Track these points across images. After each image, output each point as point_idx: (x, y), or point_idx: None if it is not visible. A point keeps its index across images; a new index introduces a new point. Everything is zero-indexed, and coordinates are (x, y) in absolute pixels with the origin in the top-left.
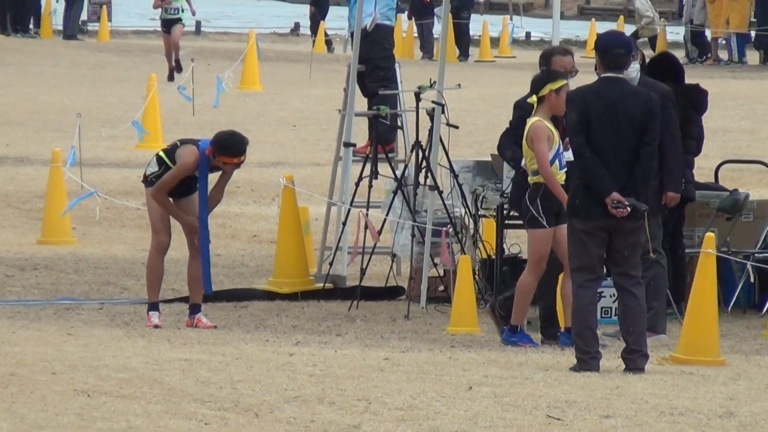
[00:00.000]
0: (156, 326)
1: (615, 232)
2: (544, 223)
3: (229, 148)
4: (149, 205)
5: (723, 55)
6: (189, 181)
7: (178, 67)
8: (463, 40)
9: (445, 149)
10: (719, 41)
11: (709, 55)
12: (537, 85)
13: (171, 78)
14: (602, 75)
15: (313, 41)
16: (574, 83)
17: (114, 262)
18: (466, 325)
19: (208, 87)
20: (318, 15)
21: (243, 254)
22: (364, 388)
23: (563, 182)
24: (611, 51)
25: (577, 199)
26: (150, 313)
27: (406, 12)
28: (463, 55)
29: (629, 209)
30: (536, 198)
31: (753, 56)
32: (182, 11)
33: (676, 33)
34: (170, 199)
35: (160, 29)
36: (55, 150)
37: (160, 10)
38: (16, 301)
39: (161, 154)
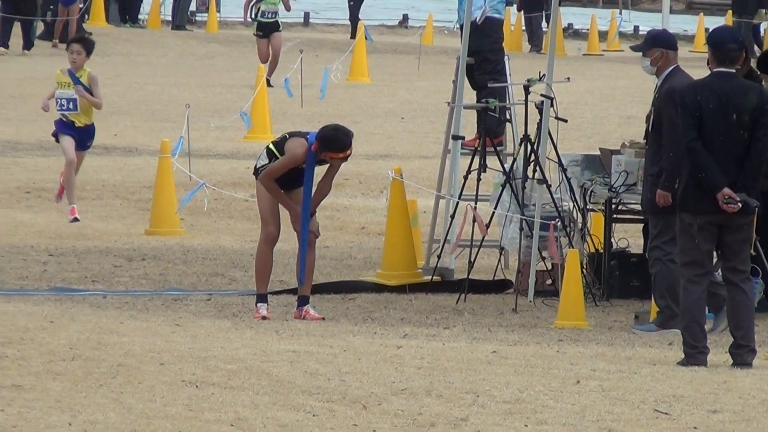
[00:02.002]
0: (264, 318)
1: (725, 227)
2: None
3: (333, 143)
4: (259, 197)
5: None
6: (297, 173)
7: (268, 84)
8: (536, 35)
9: (553, 143)
10: None
11: None
12: None
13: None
14: (714, 70)
15: (421, 34)
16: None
17: (222, 253)
18: (574, 318)
19: (316, 78)
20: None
21: (351, 246)
22: (472, 381)
23: None
24: (724, 46)
25: (687, 194)
26: (258, 304)
27: (516, 5)
28: (535, 48)
29: (740, 205)
30: None
31: None
32: (278, 15)
33: None
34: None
35: (254, 34)
36: (164, 141)
37: (251, 10)
38: (124, 292)
39: (271, 146)
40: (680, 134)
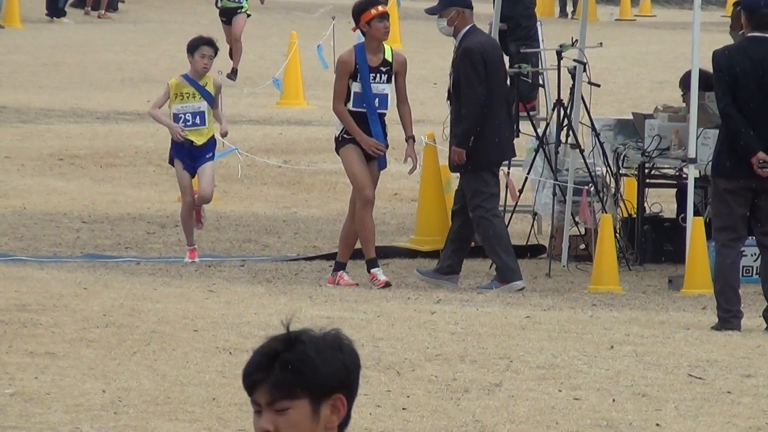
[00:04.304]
0: (386, 284)
1: (759, 191)
2: None
3: (362, 3)
4: (346, 163)
5: None
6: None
7: (234, 73)
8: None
9: (586, 107)
10: None
11: None
12: None
13: (232, 76)
14: (748, 34)
15: None
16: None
17: (255, 220)
18: (608, 283)
19: (349, 44)
20: None
21: (384, 212)
22: (506, 347)
23: None
24: (759, 11)
25: (722, 159)
26: (373, 270)
27: None
28: (562, 12)
29: None
30: None
31: None
32: None
33: None
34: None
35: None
36: None
37: None
38: (157, 258)
39: None
40: (717, 98)
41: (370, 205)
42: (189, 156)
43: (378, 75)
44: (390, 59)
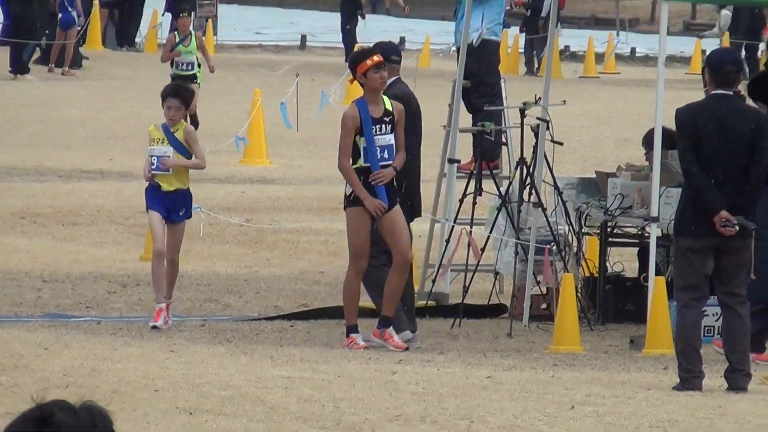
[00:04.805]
0: (365, 348)
1: (722, 250)
2: None
3: (358, 55)
4: (350, 228)
5: None
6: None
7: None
8: (536, 57)
9: (549, 166)
10: None
11: None
12: None
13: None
14: (712, 92)
15: (418, 57)
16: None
17: (216, 279)
18: (569, 343)
19: (313, 102)
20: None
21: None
22: (467, 407)
23: None
24: (722, 68)
25: (684, 217)
26: (352, 335)
27: (519, 27)
28: (528, 69)
29: (737, 228)
30: None
31: None
32: (198, 66)
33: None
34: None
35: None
36: None
37: (176, 62)
38: (118, 318)
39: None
40: (680, 156)
41: (361, 274)
42: (162, 206)
43: (382, 126)
44: (390, 108)
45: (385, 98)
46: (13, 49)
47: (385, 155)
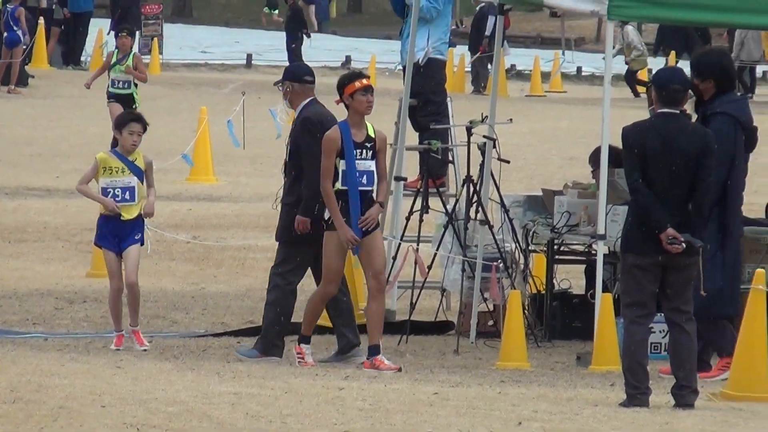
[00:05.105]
0: (308, 363)
1: (669, 267)
2: None
3: (346, 78)
4: (327, 252)
5: None
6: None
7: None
8: (481, 75)
9: (496, 183)
10: None
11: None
12: None
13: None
14: (658, 111)
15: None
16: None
17: (164, 296)
18: (516, 360)
19: (258, 121)
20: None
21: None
22: (414, 423)
23: None
24: (668, 87)
25: (631, 235)
26: (302, 345)
27: (467, 46)
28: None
29: (684, 245)
30: None
31: None
32: (135, 86)
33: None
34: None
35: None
36: None
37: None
38: (65, 334)
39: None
40: (626, 174)
41: (328, 297)
42: (115, 234)
43: (363, 151)
44: (373, 135)
45: (369, 124)
46: None
47: (364, 181)
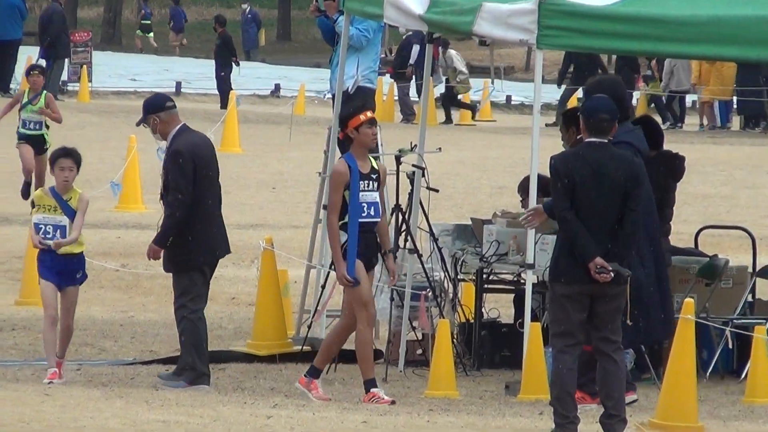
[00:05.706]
0: (393, 402)
1: (597, 296)
2: None
3: (350, 111)
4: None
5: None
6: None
7: (26, 192)
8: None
9: (425, 212)
10: (707, 106)
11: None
12: None
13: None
14: (587, 140)
15: (293, 104)
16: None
17: (92, 324)
18: (445, 388)
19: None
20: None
21: (221, 316)
22: None
23: None
24: (596, 116)
25: (559, 264)
26: (373, 390)
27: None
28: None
29: (612, 274)
30: None
31: (735, 122)
32: (47, 126)
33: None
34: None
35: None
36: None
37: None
38: None
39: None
40: (555, 203)
41: (372, 322)
42: (55, 272)
43: (369, 182)
44: (377, 167)
45: (371, 157)
46: None
47: (372, 212)
